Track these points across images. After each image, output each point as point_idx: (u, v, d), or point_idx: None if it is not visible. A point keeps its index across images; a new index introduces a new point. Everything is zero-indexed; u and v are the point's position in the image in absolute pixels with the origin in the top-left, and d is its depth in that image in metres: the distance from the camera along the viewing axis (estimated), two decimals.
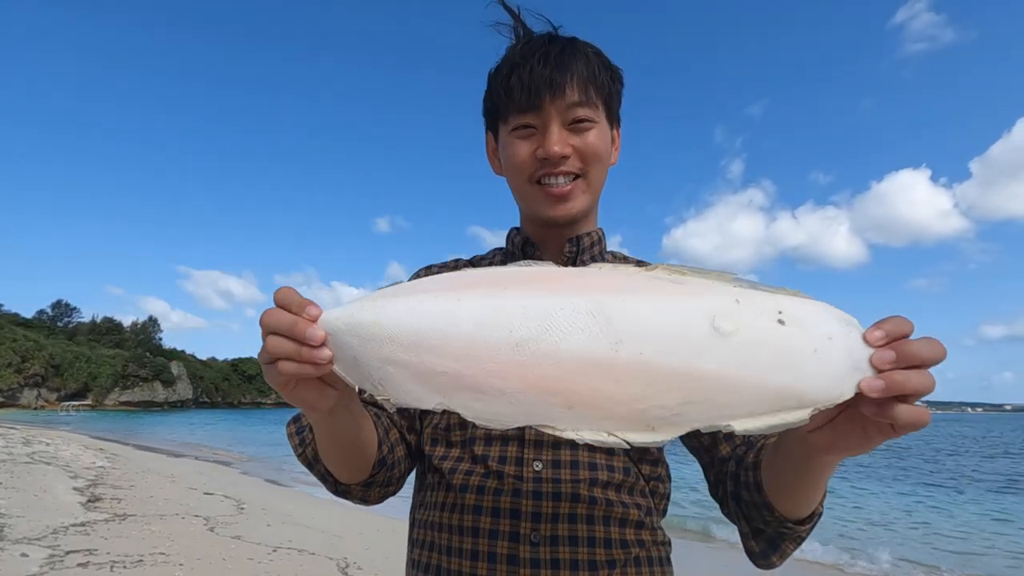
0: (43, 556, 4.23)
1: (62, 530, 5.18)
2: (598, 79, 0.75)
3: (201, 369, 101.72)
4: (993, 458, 23.23)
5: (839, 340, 0.41)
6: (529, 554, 0.66)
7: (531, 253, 0.81)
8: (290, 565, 4.69)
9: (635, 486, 0.74)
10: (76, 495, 7.39)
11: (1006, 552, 7.61)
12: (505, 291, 0.43)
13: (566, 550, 0.67)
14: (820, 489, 0.61)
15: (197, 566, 4.39)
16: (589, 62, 0.75)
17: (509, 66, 0.75)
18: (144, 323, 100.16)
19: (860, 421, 0.44)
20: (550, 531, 0.67)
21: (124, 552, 4.57)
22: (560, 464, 0.71)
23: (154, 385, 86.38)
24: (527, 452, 0.71)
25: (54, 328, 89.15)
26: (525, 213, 0.82)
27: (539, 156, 0.73)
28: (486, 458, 0.73)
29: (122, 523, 5.80)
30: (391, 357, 0.43)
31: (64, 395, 74.92)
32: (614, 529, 0.70)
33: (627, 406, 0.40)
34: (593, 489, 0.70)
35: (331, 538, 5.93)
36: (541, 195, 0.75)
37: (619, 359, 0.40)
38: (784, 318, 0.41)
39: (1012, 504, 11.50)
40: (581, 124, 0.74)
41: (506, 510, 0.69)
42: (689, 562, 5.71)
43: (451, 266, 0.87)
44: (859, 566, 6.36)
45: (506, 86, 0.74)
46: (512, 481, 0.70)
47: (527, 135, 0.74)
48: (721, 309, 0.41)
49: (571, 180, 0.75)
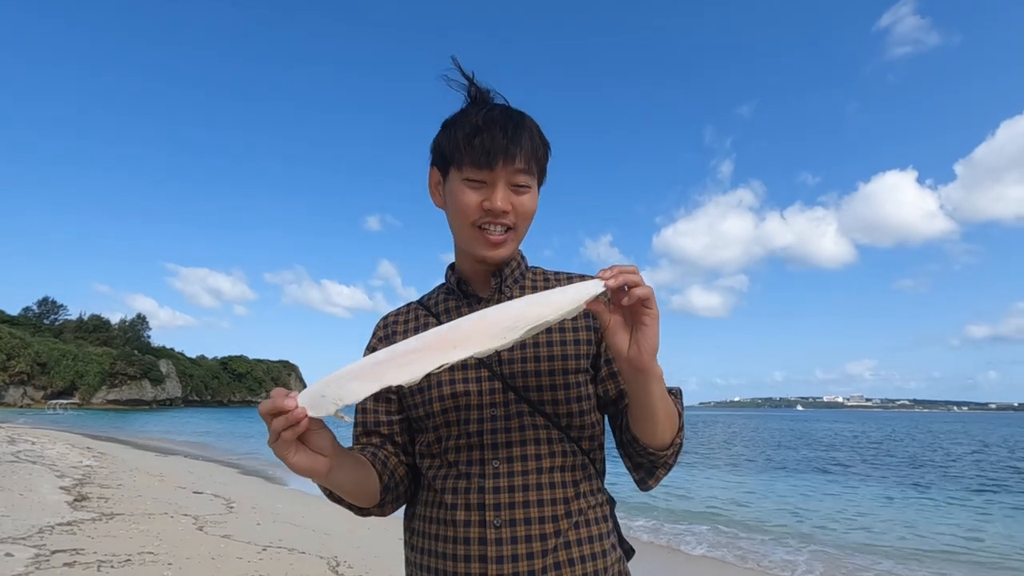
0: (28, 556, 4.18)
1: (48, 529, 5.13)
2: (537, 153, 0.95)
3: (190, 367, 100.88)
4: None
5: (590, 280, 0.78)
6: (494, 535, 0.89)
7: (465, 289, 1.03)
8: (280, 564, 4.67)
9: (576, 462, 0.95)
10: (62, 494, 7.31)
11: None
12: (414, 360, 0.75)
13: (522, 528, 0.89)
14: (666, 416, 0.88)
15: (186, 565, 4.36)
16: (533, 137, 0.94)
17: (472, 128, 0.92)
18: (132, 321, 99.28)
19: (634, 319, 0.79)
20: (509, 516, 0.89)
21: (111, 551, 4.53)
22: (513, 459, 0.92)
23: (142, 383, 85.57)
24: (487, 454, 0.92)
25: (40, 326, 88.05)
26: (462, 248, 1.01)
27: (485, 207, 0.92)
28: (457, 463, 0.93)
29: (109, 522, 5.75)
30: (336, 388, 0.74)
31: (50, 393, 74.03)
32: (560, 507, 0.92)
33: (491, 330, 0.75)
34: (541, 476, 0.92)
35: (321, 537, 5.91)
36: (481, 238, 0.95)
37: (486, 318, 0.76)
38: (565, 287, 0.78)
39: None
40: (520, 188, 0.94)
41: (474, 504, 0.90)
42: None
43: (404, 312, 1.09)
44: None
45: (468, 144, 0.91)
46: (477, 480, 0.92)
47: (476, 187, 0.92)
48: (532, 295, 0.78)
49: (505, 231, 0.94)
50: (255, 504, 7.87)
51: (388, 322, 1.08)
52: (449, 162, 0.95)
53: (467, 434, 0.93)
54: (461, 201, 0.93)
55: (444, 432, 0.95)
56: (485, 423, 0.93)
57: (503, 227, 0.94)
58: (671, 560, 6.35)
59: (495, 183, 0.91)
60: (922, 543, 7.80)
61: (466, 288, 1.02)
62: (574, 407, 0.95)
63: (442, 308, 1.04)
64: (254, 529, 6.07)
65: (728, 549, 6.92)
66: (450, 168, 0.95)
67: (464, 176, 0.92)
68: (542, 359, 0.96)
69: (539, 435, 0.93)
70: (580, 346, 0.99)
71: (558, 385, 0.95)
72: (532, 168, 0.94)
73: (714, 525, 8.30)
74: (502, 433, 0.92)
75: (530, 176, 0.94)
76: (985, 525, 9.36)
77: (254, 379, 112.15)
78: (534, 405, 0.94)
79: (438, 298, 1.07)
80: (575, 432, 0.96)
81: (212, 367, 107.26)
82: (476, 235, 0.95)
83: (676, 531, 7.81)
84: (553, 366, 0.96)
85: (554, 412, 0.94)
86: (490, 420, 0.93)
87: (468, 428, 0.93)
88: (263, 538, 5.59)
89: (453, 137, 0.93)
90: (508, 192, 0.92)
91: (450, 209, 0.98)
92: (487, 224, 0.93)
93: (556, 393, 0.95)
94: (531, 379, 0.95)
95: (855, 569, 6.27)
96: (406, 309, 1.10)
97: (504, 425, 0.92)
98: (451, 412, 0.93)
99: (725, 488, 12.39)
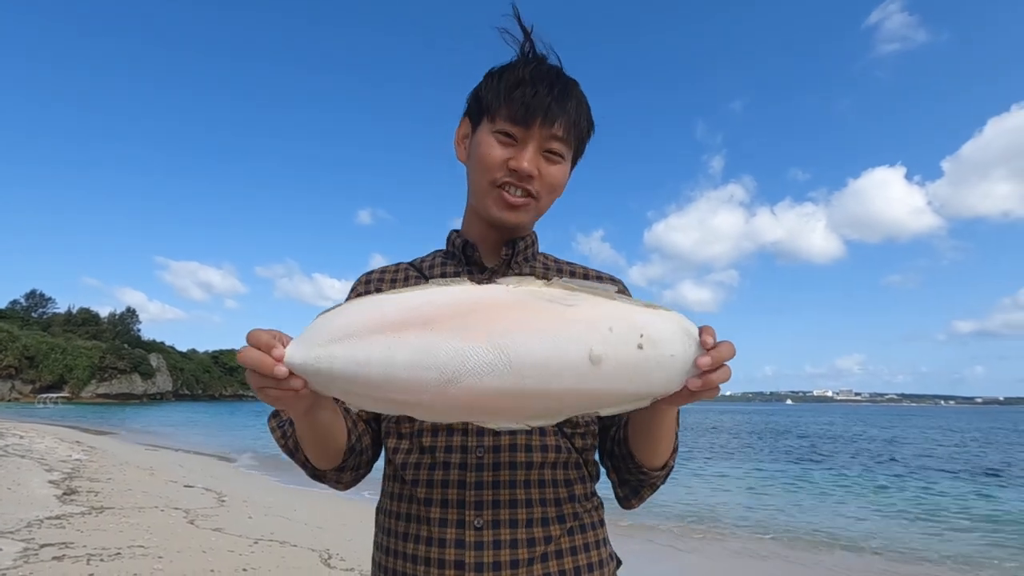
0: (17, 550, 4.15)
1: (36, 523, 5.09)
2: (580, 124, 0.84)
3: (181, 361, 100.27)
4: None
5: (679, 356, 0.58)
6: (474, 538, 0.76)
7: (471, 255, 0.89)
8: (272, 557, 4.66)
9: (569, 460, 0.83)
10: (51, 488, 7.26)
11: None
12: (430, 332, 0.55)
13: (507, 531, 0.76)
14: (668, 440, 0.79)
15: (176, 559, 4.34)
16: (579, 107, 0.84)
17: (516, 79, 0.81)
18: (122, 314, 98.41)
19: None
20: (492, 516, 0.76)
21: (101, 545, 4.50)
22: (499, 449, 0.79)
23: (132, 377, 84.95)
24: (470, 440, 0.79)
25: (28, 319, 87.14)
26: (474, 207, 0.89)
27: (510, 166, 0.81)
28: (434, 449, 0.80)
29: (99, 516, 5.71)
30: (348, 391, 0.58)
31: (39, 387, 73.36)
32: (551, 509, 0.79)
33: (532, 412, 0.58)
34: (531, 473, 0.79)
35: (313, 530, 5.91)
36: (498, 197, 0.83)
37: (525, 388, 0.55)
38: (643, 342, 0.57)
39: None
40: (552, 155, 0.83)
41: (453, 500, 0.78)
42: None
43: (391, 271, 0.95)
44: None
45: (508, 94, 0.81)
46: (457, 472, 0.78)
47: (506, 143, 0.82)
48: (597, 339, 0.56)
49: (526, 196, 0.83)
50: (247, 497, 7.84)
51: (372, 278, 0.94)
52: (484, 111, 0.84)
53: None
54: (486, 154, 0.82)
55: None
56: None
57: (524, 192, 0.83)
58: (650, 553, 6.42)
59: (526, 143, 0.81)
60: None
61: (471, 253, 0.89)
62: None
63: (438, 273, 0.91)
64: (246, 522, 6.06)
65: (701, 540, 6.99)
66: (483, 118, 0.84)
67: (496, 128, 0.82)
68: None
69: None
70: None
71: None
72: (570, 138, 0.83)
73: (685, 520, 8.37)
74: None
75: (566, 146, 0.83)
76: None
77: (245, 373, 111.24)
78: None
79: (434, 262, 0.94)
80: (568, 427, 0.84)
81: (203, 361, 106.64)
82: (494, 194, 0.83)
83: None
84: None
85: None
86: None
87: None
88: (255, 531, 5.57)
89: (494, 85, 0.83)
90: (538, 157, 0.82)
91: (472, 162, 0.86)
92: (508, 185, 0.82)
93: None
94: None
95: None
96: (394, 268, 0.96)
97: None
98: None
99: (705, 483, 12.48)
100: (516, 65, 0.84)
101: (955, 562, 6.19)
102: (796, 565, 5.85)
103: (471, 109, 0.88)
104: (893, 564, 6.05)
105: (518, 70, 0.83)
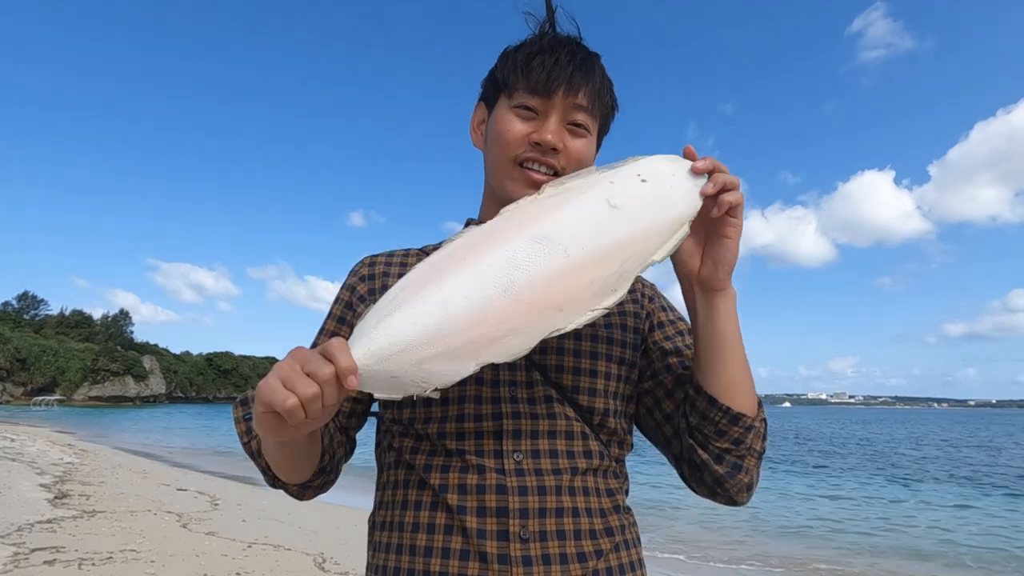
0: (7, 554, 4.11)
1: (27, 527, 5.04)
2: (604, 96, 0.78)
3: (175, 363, 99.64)
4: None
5: (680, 175, 0.64)
6: (520, 552, 0.66)
7: None
8: (266, 561, 4.63)
9: (608, 468, 0.75)
10: (43, 492, 7.19)
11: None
12: (468, 260, 0.57)
13: (556, 544, 0.67)
14: (736, 355, 0.71)
15: (169, 563, 4.31)
16: (604, 80, 0.78)
17: (534, 49, 0.76)
18: (115, 316, 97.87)
19: (712, 230, 0.67)
20: (539, 527, 0.67)
21: (93, 549, 4.46)
22: (540, 454, 0.71)
23: (125, 380, 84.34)
24: (506, 444, 0.70)
25: (20, 320, 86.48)
26: (493, 189, 0.80)
27: (532, 140, 0.74)
28: (462, 452, 0.71)
29: (91, 520, 5.66)
30: (420, 358, 0.55)
31: (31, 390, 72.78)
32: (597, 520, 0.71)
33: (594, 285, 0.58)
34: (575, 479, 0.71)
35: (307, 533, 5.88)
36: (520, 176, 0.75)
37: (573, 260, 0.58)
38: (644, 178, 0.63)
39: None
40: (577, 128, 0.76)
41: (492, 508, 0.67)
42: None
43: (400, 255, 0.87)
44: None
45: (526, 65, 0.75)
46: (495, 476, 0.69)
47: (527, 117, 0.75)
48: (607, 194, 0.61)
49: (550, 173, 0.75)
50: (240, 501, 7.80)
51: (376, 262, 0.86)
52: (500, 88, 0.78)
53: (477, 416, 0.71)
54: (505, 130, 0.75)
55: (440, 410, 0.72)
56: (504, 404, 0.71)
57: (549, 168, 0.75)
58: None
59: (549, 114, 0.74)
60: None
61: None
62: (611, 404, 0.75)
63: None
64: (239, 526, 6.02)
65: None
66: (500, 97, 0.78)
67: (514, 103, 0.75)
68: (584, 337, 0.76)
69: (571, 427, 0.72)
70: (627, 333, 0.79)
71: (599, 372, 0.75)
72: (595, 110, 0.76)
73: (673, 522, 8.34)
74: (526, 419, 0.71)
75: (591, 119, 0.77)
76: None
77: (240, 376, 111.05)
78: (565, 392, 0.74)
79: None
80: (605, 435, 0.76)
81: (197, 363, 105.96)
82: (515, 172, 0.75)
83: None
84: (597, 348, 0.76)
85: (588, 405, 0.74)
86: (510, 401, 0.71)
87: (480, 408, 0.71)
88: (248, 535, 5.54)
89: (511, 59, 0.77)
90: (562, 129, 0.75)
91: (490, 143, 0.79)
92: (530, 161, 0.75)
93: (595, 382, 0.75)
94: (568, 359, 0.74)
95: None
96: (403, 253, 0.87)
97: (528, 410, 0.71)
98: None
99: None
100: (533, 38, 0.78)
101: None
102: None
103: (486, 92, 0.83)
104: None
105: (536, 41, 0.77)
